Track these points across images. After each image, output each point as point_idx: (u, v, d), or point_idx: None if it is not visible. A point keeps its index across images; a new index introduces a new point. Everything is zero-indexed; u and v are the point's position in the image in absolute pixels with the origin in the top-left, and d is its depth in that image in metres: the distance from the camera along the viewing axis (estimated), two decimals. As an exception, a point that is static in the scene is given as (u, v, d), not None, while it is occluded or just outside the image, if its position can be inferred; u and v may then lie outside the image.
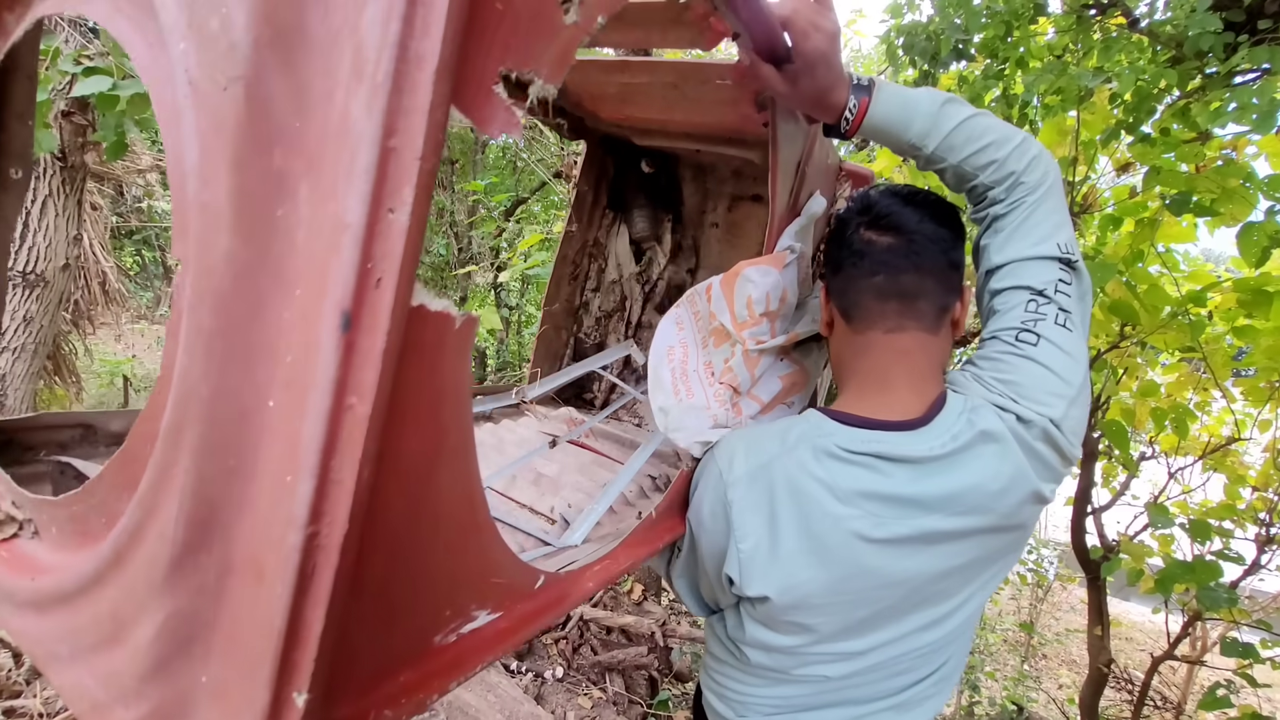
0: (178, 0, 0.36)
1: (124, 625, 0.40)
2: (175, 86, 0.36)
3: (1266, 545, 3.06)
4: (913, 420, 0.78)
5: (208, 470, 0.36)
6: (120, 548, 0.40)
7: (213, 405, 0.35)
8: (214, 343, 0.35)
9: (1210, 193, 2.50)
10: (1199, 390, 3.23)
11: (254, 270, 0.35)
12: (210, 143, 0.35)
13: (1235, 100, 1.93)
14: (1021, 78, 2.61)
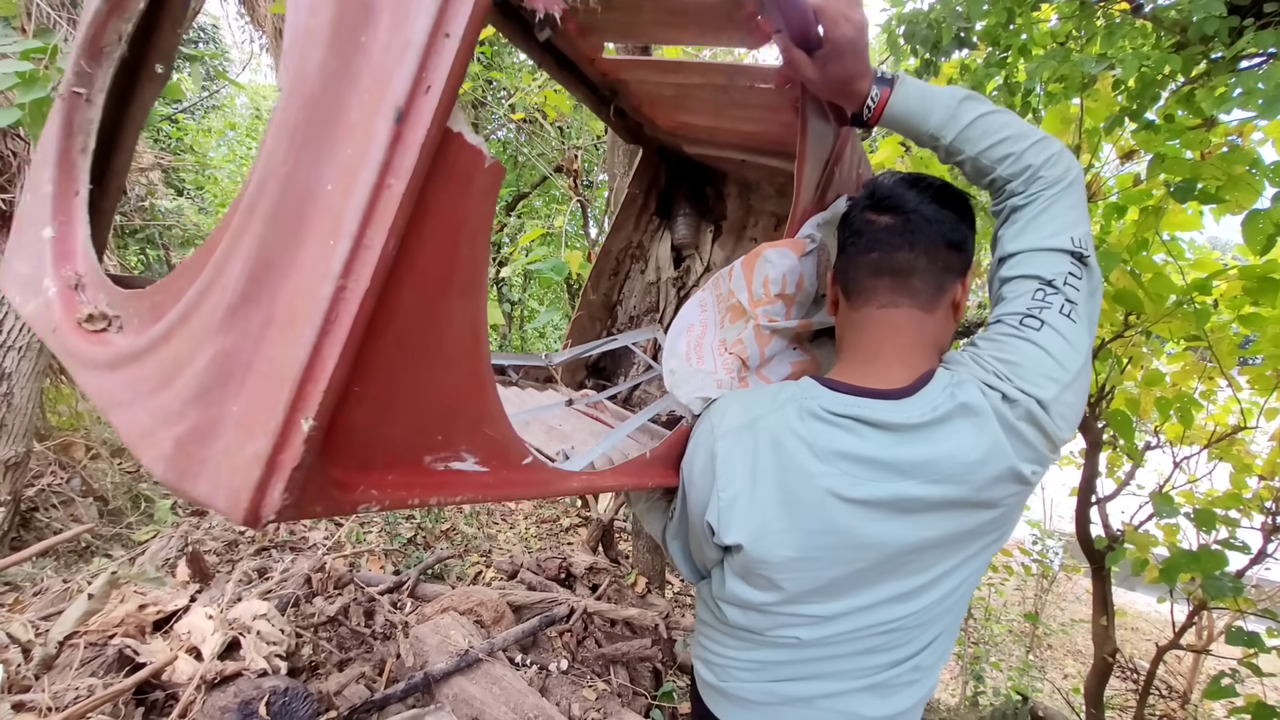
0: None
1: (180, 366, 0.49)
2: None
3: (1273, 534, 3.05)
4: (897, 390, 0.80)
5: (271, 236, 0.45)
6: (189, 305, 0.49)
7: (286, 183, 0.44)
8: (296, 134, 0.45)
9: (1215, 180, 2.48)
10: (1204, 379, 3.21)
11: (338, 77, 0.44)
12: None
13: (1240, 85, 1.91)
14: (1024, 65, 2.58)
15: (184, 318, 0.50)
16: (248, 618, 1.79)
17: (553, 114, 3.92)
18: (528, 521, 4.79)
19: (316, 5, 0.46)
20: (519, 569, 2.95)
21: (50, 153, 0.74)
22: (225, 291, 0.46)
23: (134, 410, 0.52)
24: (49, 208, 0.73)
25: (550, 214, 6.41)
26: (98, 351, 0.59)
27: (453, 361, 0.51)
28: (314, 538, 3.61)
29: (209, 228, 7.98)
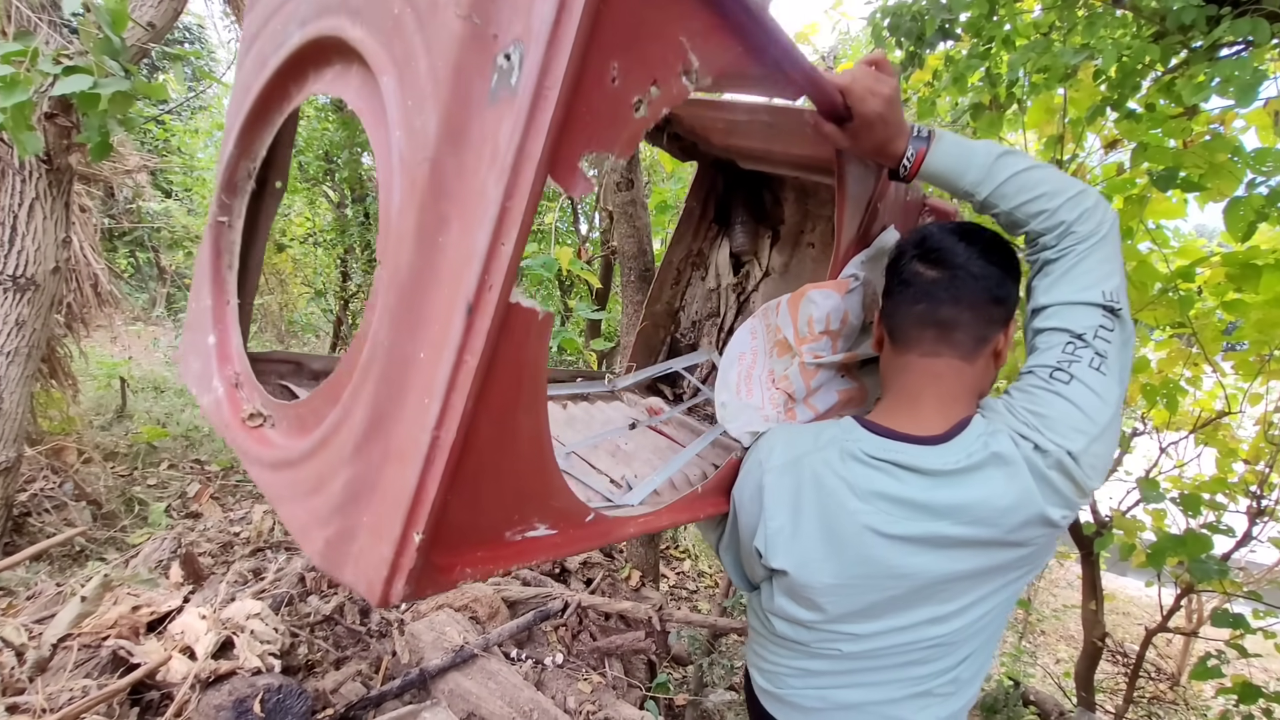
0: (397, 105, 0.60)
1: (324, 481, 0.65)
2: (391, 157, 0.61)
3: (1258, 518, 3.09)
4: (934, 436, 0.86)
5: (382, 391, 0.60)
6: (325, 435, 0.66)
7: (390, 352, 0.59)
8: (395, 315, 0.59)
9: (1197, 168, 2.50)
10: (1190, 365, 3.24)
11: (422, 272, 0.57)
12: (407, 194, 0.59)
13: (1218, 74, 1.92)
14: (1007, 57, 2.60)
15: (324, 442, 0.66)
16: (241, 617, 1.80)
17: (541, 110, 3.92)
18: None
19: (404, 209, 0.60)
20: (513, 565, 2.97)
21: (205, 272, 0.91)
22: (353, 430, 0.62)
23: (294, 508, 0.69)
24: (209, 318, 0.89)
25: (540, 209, 6.40)
26: (262, 451, 0.76)
27: (522, 460, 0.65)
28: (309, 538, 3.62)
29: (199, 229, 7.93)
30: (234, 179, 0.89)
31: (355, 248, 7.49)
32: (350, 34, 0.67)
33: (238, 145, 0.87)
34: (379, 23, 0.63)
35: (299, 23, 0.76)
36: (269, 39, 0.81)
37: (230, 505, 3.87)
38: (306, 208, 8.40)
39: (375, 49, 0.63)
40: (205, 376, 0.88)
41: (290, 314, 7.96)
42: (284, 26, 0.78)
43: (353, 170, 7.07)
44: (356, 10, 0.67)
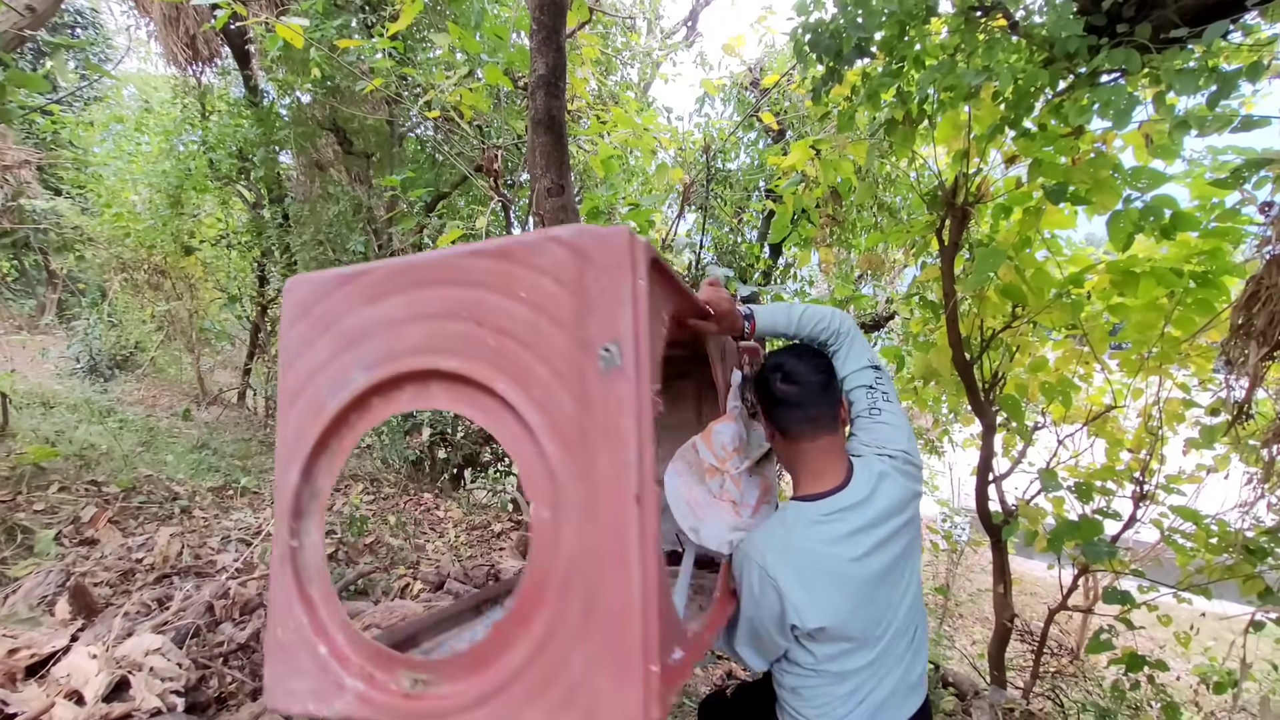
0: (525, 399, 0.81)
1: (553, 676, 0.77)
2: (535, 430, 0.80)
3: (1141, 501, 3.39)
4: (841, 484, 1.26)
5: (588, 583, 0.76)
6: (540, 642, 0.78)
7: (582, 553, 0.76)
8: (578, 527, 0.77)
9: (1084, 183, 2.72)
10: (1082, 363, 3.53)
11: (590, 492, 0.77)
12: (563, 447, 0.79)
13: (1098, 99, 2.11)
14: (917, 76, 2.74)
15: (540, 649, 0.78)
16: (139, 654, 1.66)
17: (469, 113, 3.84)
18: (457, 529, 4.68)
19: (563, 458, 0.78)
20: (445, 579, 2.88)
21: (289, 596, 0.92)
22: (572, 621, 0.77)
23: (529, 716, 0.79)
24: (309, 634, 0.91)
25: (471, 214, 6.26)
26: (441, 704, 0.83)
27: (668, 594, 0.87)
28: (222, 560, 3.38)
29: (95, 230, 7.30)
30: (300, 505, 0.94)
31: (273, 250, 7.10)
32: (446, 365, 0.86)
33: (301, 477, 0.92)
34: (477, 354, 0.84)
35: (363, 368, 0.89)
36: (325, 387, 0.92)
37: (132, 529, 3.58)
38: (218, 208, 7.90)
39: (480, 369, 0.84)
40: (326, 687, 0.89)
41: (201, 321, 7.44)
42: (342, 375, 0.91)
43: (269, 169, 6.70)
44: (444, 350, 0.86)
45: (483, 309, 0.84)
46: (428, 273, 0.89)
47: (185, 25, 6.30)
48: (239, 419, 7.02)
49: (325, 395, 0.91)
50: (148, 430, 5.51)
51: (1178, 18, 1.99)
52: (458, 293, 0.86)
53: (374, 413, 0.91)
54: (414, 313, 0.88)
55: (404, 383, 0.89)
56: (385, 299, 0.90)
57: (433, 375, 0.87)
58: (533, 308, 0.82)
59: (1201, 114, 2.11)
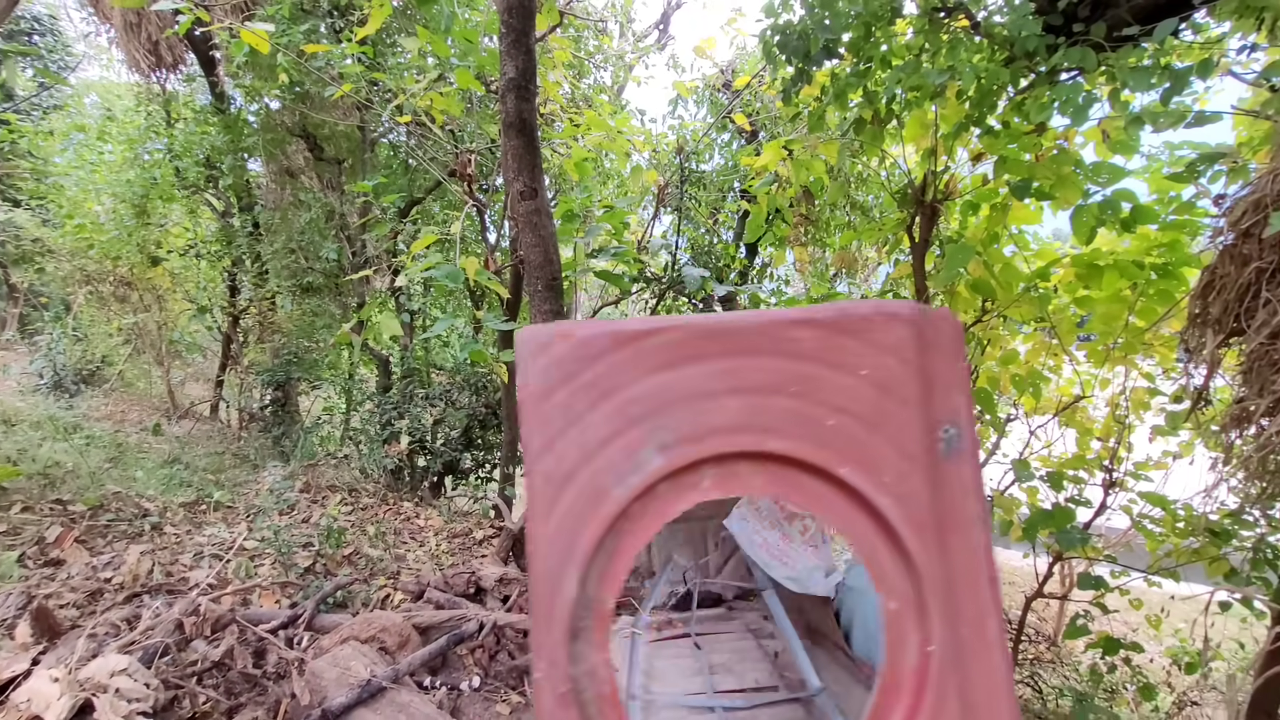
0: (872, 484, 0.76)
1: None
2: (887, 516, 0.75)
3: (1111, 488, 3.47)
4: None
5: (960, 678, 0.73)
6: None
7: (951, 646, 0.73)
8: (943, 619, 0.74)
9: (1048, 179, 2.78)
10: (1051, 355, 3.61)
11: (948, 581, 0.75)
12: (917, 531, 0.75)
13: (1057, 96, 2.16)
14: (883, 76, 2.78)
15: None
16: (104, 675, 1.61)
17: (440, 118, 3.81)
18: (438, 538, 4.63)
19: (920, 540, 0.76)
20: (425, 588, 2.85)
21: None
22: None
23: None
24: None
25: (446, 219, 6.21)
26: None
27: None
28: (195, 577, 3.31)
29: (56, 242, 7.10)
30: (577, 626, 0.75)
31: (244, 259, 6.97)
32: (773, 446, 0.77)
33: (579, 590, 0.74)
34: (812, 435, 0.78)
35: (659, 448, 0.76)
36: (607, 470, 0.76)
37: (100, 548, 3.48)
38: (186, 217, 7.74)
39: (817, 452, 0.77)
40: None
41: (170, 333, 7.27)
42: (630, 456, 0.76)
43: (238, 177, 6.58)
44: (769, 429, 0.77)
45: (815, 385, 0.78)
46: (744, 341, 0.80)
47: (147, 31, 6.17)
48: (211, 432, 6.88)
49: (609, 481, 0.76)
50: (116, 446, 5.37)
51: (1130, 17, 2.05)
52: (783, 364, 0.79)
53: (662, 503, 0.78)
54: (728, 385, 0.79)
55: (707, 466, 0.78)
56: (686, 365, 0.79)
57: (749, 457, 0.78)
58: (876, 387, 0.78)
59: (1156, 110, 2.17)
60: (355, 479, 5.48)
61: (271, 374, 6.61)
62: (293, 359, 6.64)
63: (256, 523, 3.96)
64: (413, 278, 4.79)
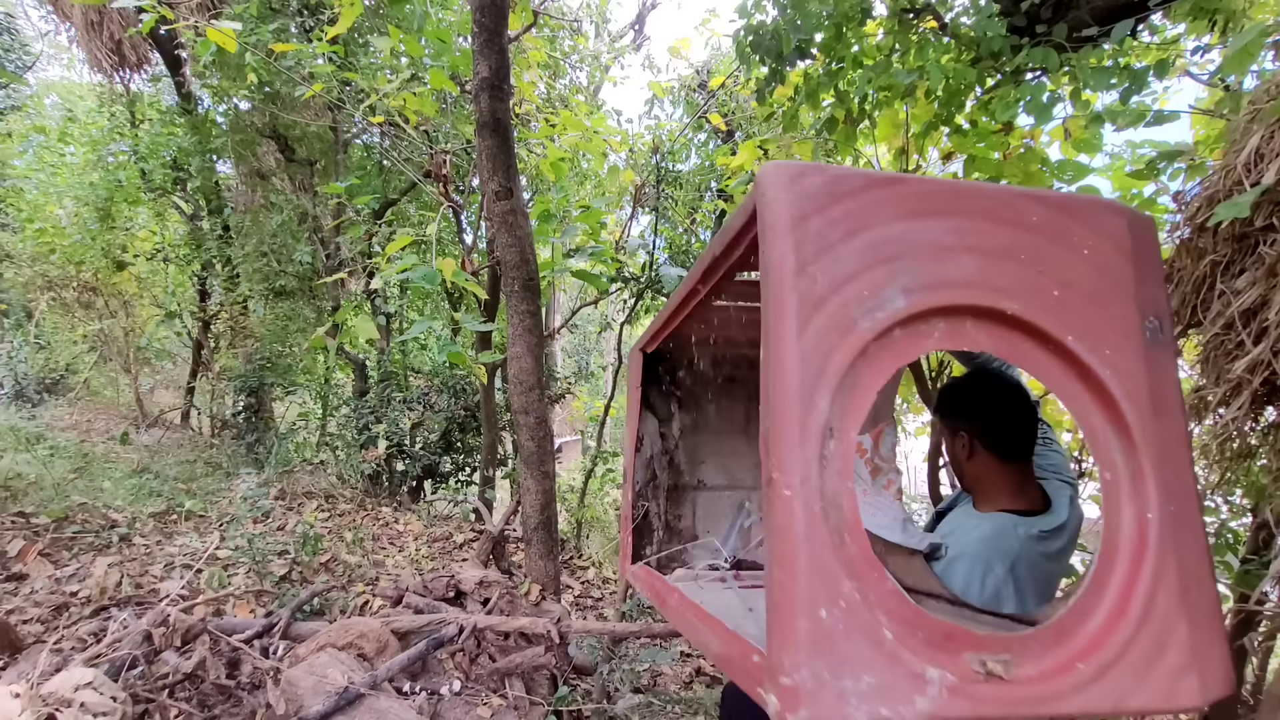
0: (1094, 354, 0.81)
1: (1162, 646, 0.75)
2: (1106, 380, 0.80)
3: (1081, 478, 3.55)
4: (1044, 505, 1.33)
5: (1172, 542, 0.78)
6: (1143, 612, 0.76)
7: (1185, 527, 0.80)
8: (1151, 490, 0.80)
9: (1015, 176, 2.84)
10: (1021, 350, 3.68)
11: (1161, 470, 0.80)
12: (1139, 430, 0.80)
13: (1021, 96, 2.21)
14: (854, 76, 2.82)
15: (1144, 620, 0.76)
16: (68, 689, 1.56)
17: (414, 118, 3.77)
18: (418, 542, 4.58)
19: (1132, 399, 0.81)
20: (404, 593, 2.82)
21: (830, 564, 0.72)
22: (1170, 591, 0.76)
23: (1139, 692, 0.75)
24: (866, 613, 0.70)
25: (422, 220, 6.15)
26: (1046, 688, 0.73)
27: None
28: (166, 589, 3.23)
29: (16, 247, 6.88)
30: (825, 448, 0.75)
31: (214, 263, 6.82)
32: (1007, 306, 0.79)
33: (828, 411, 0.75)
34: (1042, 302, 0.80)
35: (903, 290, 0.78)
36: (855, 303, 0.77)
37: (64, 561, 3.38)
38: (153, 220, 7.55)
39: (1048, 319, 0.80)
40: (900, 682, 0.69)
41: (137, 340, 7.09)
42: (876, 293, 0.78)
43: (206, 179, 6.44)
44: (1000, 289, 0.79)
45: (1042, 255, 0.81)
46: (980, 202, 0.82)
47: (109, 30, 6.01)
48: (182, 440, 6.72)
49: (856, 313, 0.77)
50: (81, 456, 5.22)
51: (1090, 18, 2.10)
52: (1014, 233, 0.81)
53: (896, 347, 0.79)
54: (965, 242, 0.80)
55: (939, 316, 0.80)
56: (929, 218, 0.81)
57: (980, 313, 0.80)
58: (1096, 268, 0.81)
59: (1116, 109, 2.23)
60: (332, 485, 5.40)
61: (244, 380, 6.48)
62: (266, 364, 6.52)
63: (230, 531, 3.88)
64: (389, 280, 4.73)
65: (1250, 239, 1.47)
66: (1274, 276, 1.39)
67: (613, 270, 3.90)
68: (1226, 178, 1.49)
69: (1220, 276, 1.55)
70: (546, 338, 5.24)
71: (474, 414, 5.77)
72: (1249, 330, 1.49)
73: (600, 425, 6.09)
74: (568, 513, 5.99)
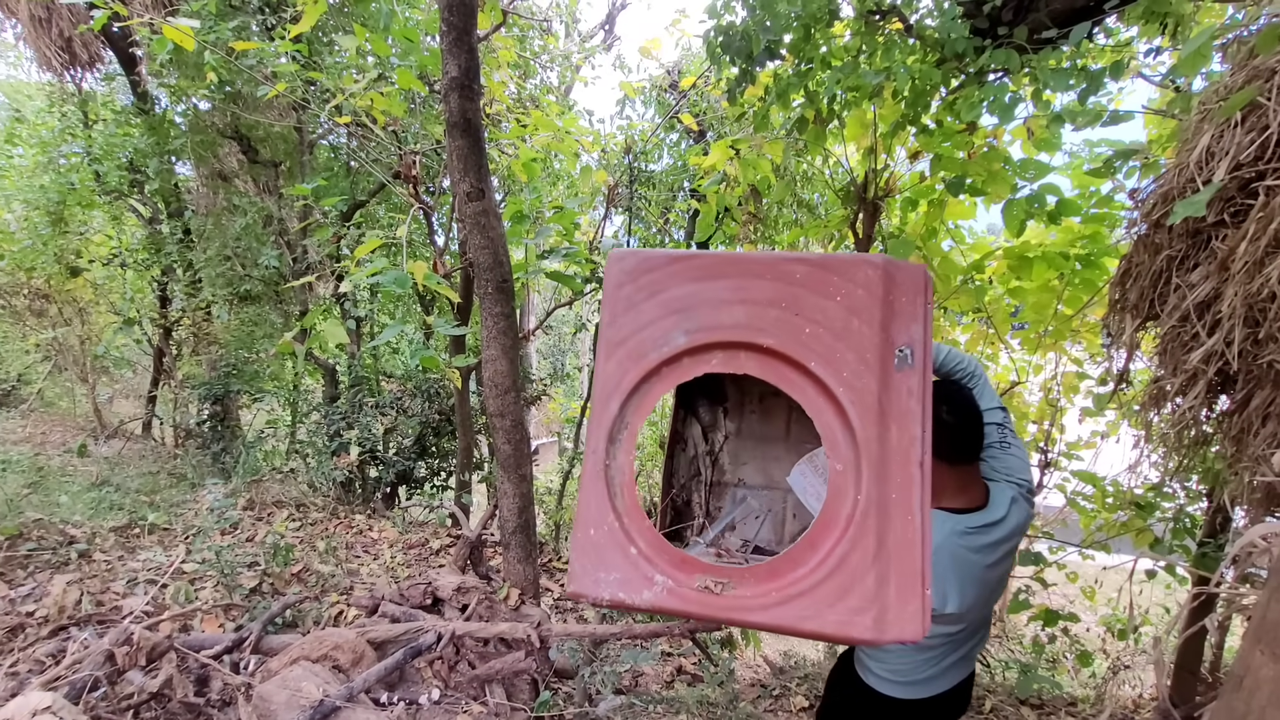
0: (834, 376, 1.05)
1: (850, 587, 0.99)
2: (841, 399, 1.04)
3: (1047, 468, 3.66)
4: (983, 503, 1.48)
5: (878, 524, 0.99)
6: (837, 563, 1.01)
7: (877, 502, 1.01)
8: (876, 481, 1.01)
9: (980, 175, 2.90)
10: (988, 344, 3.78)
11: (884, 454, 1.02)
12: (864, 416, 1.03)
13: (984, 96, 2.26)
14: (823, 76, 2.85)
15: (838, 568, 1.01)
16: (24, 715, 1.50)
17: (382, 119, 3.71)
18: (393, 550, 4.50)
19: (865, 424, 1.03)
20: (379, 602, 2.77)
21: (602, 503, 1.11)
22: (868, 549, 1.00)
23: (825, 616, 1.00)
24: (620, 536, 1.09)
25: (392, 222, 6.05)
26: (741, 602, 1.05)
27: None
28: (130, 605, 3.12)
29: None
30: (614, 433, 1.13)
31: (175, 268, 6.61)
32: (763, 341, 1.08)
33: (619, 410, 1.13)
34: (793, 337, 1.07)
35: (684, 332, 1.12)
36: (649, 341, 1.13)
37: (19, 581, 3.24)
38: (109, 224, 7.29)
39: (795, 349, 1.06)
40: (635, 580, 1.08)
41: (94, 348, 6.84)
42: (664, 334, 1.13)
43: (165, 181, 6.24)
44: (762, 329, 1.08)
45: (800, 303, 1.07)
46: (753, 267, 1.10)
47: (59, 27, 5.78)
48: (144, 451, 6.50)
49: (648, 348, 1.12)
50: (36, 470, 5.02)
51: (1049, 20, 2.16)
52: (778, 287, 1.08)
53: (683, 370, 1.13)
54: (737, 296, 1.09)
55: (716, 350, 1.11)
56: (712, 281, 1.11)
57: (746, 347, 1.09)
58: (847, 309, 1.05)
59: (1074, 109, 2.30)
60: (303, 493, 5.27)
61: (209, 387, 6.29)
62: (232, 371, 6.34)
63: (196, 544, 3.77)
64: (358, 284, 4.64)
65: (1203, 234, 1.53)
66: (1226, 270, 1.45)
67: (587, 271, 3.89)
68: (1180, 175, 1.54)
69: (1175, 271, 1.61)
70: (521, 340, 5.20)
71: (448, 418, 5.70)
72: (1203, 322, 1.55)
73: (577, 427, 6.06)
74: (545, 515, 5.94)
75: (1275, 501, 1.54)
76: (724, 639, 3.97)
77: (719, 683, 2.91)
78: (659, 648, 3.68)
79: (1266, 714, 0.78)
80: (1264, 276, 1.34)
